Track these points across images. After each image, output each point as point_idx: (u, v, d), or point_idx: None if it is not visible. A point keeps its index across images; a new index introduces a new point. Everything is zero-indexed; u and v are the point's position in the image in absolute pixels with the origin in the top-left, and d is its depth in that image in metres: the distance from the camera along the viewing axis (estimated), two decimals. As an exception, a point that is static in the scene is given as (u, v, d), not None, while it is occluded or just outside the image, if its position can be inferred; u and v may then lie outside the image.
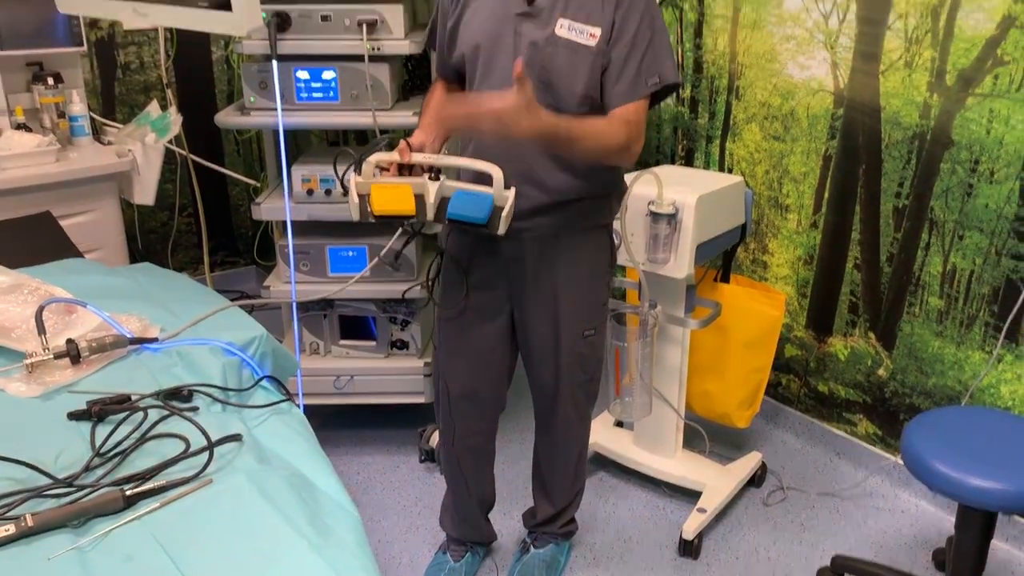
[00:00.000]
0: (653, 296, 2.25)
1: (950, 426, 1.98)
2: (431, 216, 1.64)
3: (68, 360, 1.55)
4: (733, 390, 2.59)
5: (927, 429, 1.97)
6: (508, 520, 2.46)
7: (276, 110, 2.37)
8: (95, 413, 1.40)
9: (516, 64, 1.49)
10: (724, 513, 2.51)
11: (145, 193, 2.87)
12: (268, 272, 2.83)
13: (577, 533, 2.34)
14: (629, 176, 2.03)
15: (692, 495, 2.49)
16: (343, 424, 2.92)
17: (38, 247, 2.22)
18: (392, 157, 1.66)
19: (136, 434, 1.35)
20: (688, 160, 2.99)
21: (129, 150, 2.81)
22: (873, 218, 2.54)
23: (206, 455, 1.29)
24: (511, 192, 1.61)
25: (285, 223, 2.52)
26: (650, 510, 2.55)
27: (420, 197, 1.63)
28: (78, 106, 2.87)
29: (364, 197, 1.64)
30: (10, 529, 1.12)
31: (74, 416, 1.42)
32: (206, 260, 3.62)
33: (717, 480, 2.50)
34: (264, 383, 1.61)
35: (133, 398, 1.45)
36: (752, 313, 2.51)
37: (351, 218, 1.67)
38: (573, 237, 1.87)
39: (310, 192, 2.53)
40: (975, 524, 1.94)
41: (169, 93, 3.49)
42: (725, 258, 2.59)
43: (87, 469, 1.27)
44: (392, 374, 2.72)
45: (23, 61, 2.83)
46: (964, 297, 2.38)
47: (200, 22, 1.97)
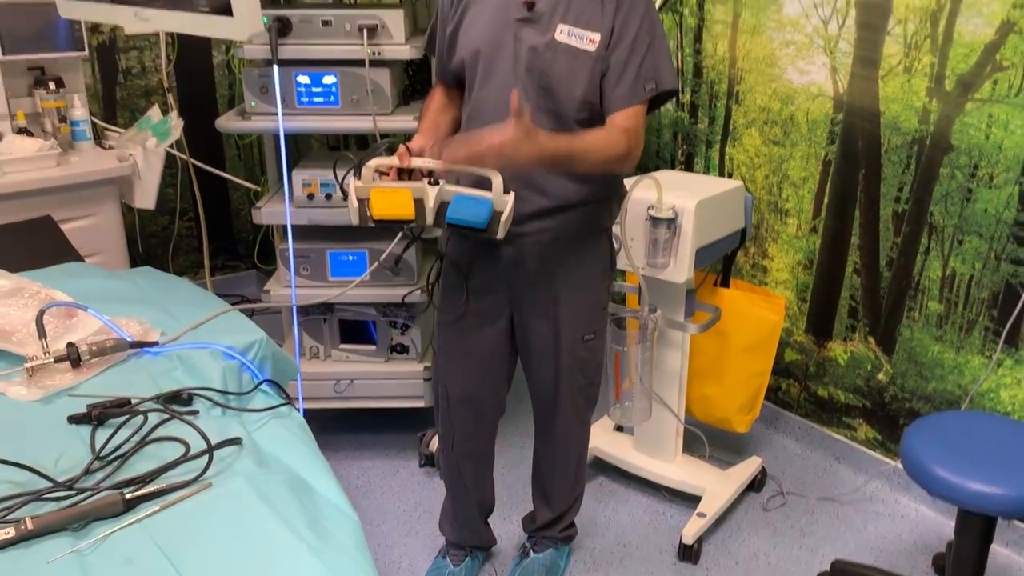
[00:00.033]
0: (653, 300, 2.26)
1: (950, 431, 1.98)
2: (430, 220, 1.65)
3: (68, 364, 1.55)
4: (733, 395, 2.59)
5: (927, 434, 1.97)
6: (508, 525, 2.46)
7: (277, 114, 2.38)
8: (95, 417, 1.40)
9: (512, 97, 1.50)
10: (724, 518, 2.51)
11: (146, 197, 2.88)
12: (269, 276, 2.84)
13: (577, 538, 2.35)
14: (629, 181, 2.03)
15: (692, 500, 2.49)
16: (343, 428, 2.92)
17: (39, 251, 2.23)
18: (392, 161, 1.66)
19: (136, 438, 1.35)
20: (688, 165, 2.99)
21: (130, 154, 2.82)
22: (873, 223, 2.54)
23: (206, 459, 1.29)
24: (510, 197, 1.61)
25: (285, 227, 2.52)
26: (650, 515, 2.55)
27: (419, 201, 1.64)
28: (79, 110, 2.88)
29: (364, 201, 1.64)
30: (10, 532, 1.12)
31: (74, 420, 1.42)
32: (206, 264, 3.62)
33: (717, 485, 2.50)
34: (264, 387, 1.61)
35: (133, 402, 1.45)
36: (752, 318, 2.51)
37: (351, 222, 1.67)
38: (573, 241, 1.88)
39: (311, 196, 2.53)
40: (975, 529, 1.94)
41: (170, 98, 3.50)
42: (725, 263, 2.60)
43: (87, 472, 1.27)
44: (392, 378, 2.72)
45: (25, 66, 2.84)
46: (964, 302, 2.38)
47: (201, 27, 1.97)
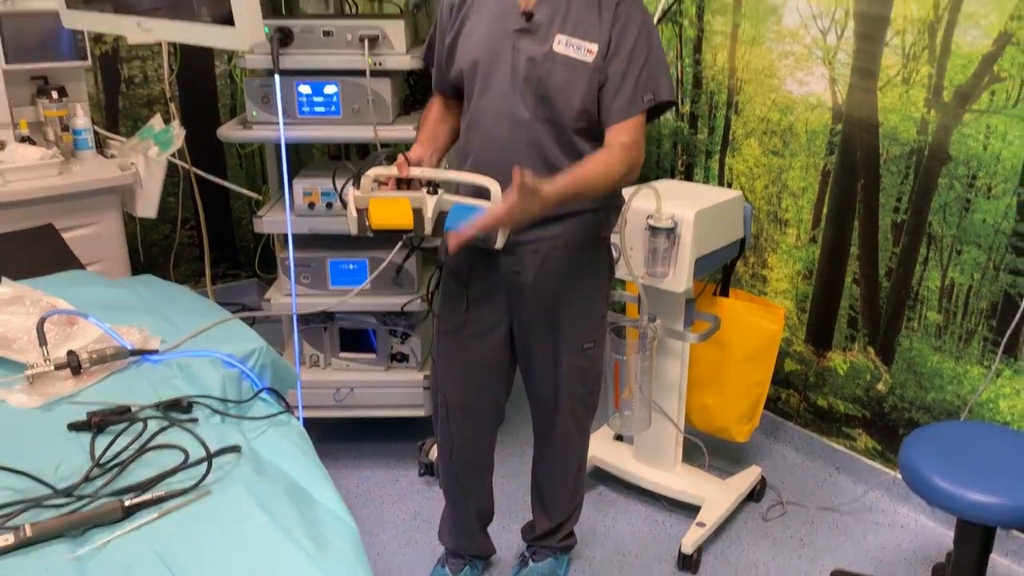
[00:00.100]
0: (652, 310, 2.26)
1: (948, 441, 1.98)
2: (429, 230, 1.66)
3: (69, 371, 1.56)
4: (732, 404, 2.59)
5: (925, 444, 1.97)
6: (507, 534, 2.46)
7: (278, 124, 2.39)
8: (95, 424, 1.41)
9: (514, 173, 1.52)
10: (723, 527, 2.51)
11: (147, 206, 2.89)
12: (270, 285, 2.84)
13: (576, 547, 2.34)
14: (628, 190, 2.04)
15: (691, 509, 2.49)
16: (343, 437, 2.92)
17: (41, 259, 2.24)
18: (390, 171, 1.67)
19: (135, 445, 1.36)
20: (688, 175, 3.00)
21: (132, 163, 2.83)
22: (872, 233, 2.55)
23: (205, 466, 1.29)
24: None
25: (286, 236, 2.53)
26: (649, 524, 2.55)
27: (418, 211, 1.64)
28: (82, 119, 2.89)
29: (362, 211, 1.65)
30: (9, 539, 1.13)
31: (74, 427, 1.42)
32: (207, 273, 3.63)
33: (716, 494, 2.50)
34: (263, 395, 1.62)
35: (133, 409, 1.45)
36: (751, 327, 2.52)
37: (350, 232, 1.68)
38: (571, 251, 1.88)
39: (311, 205, 2.54)
40: (974, 539, 1.93)
41: (172, 107, 3.52)
42: (724, 272, 2.60)
43: (86, 480, 1.28)
44: (392, 387, 2.73)
45: (28, 75, 2.86)
46: (963, 312, 2.38)
47: (203, 37, 1.98)
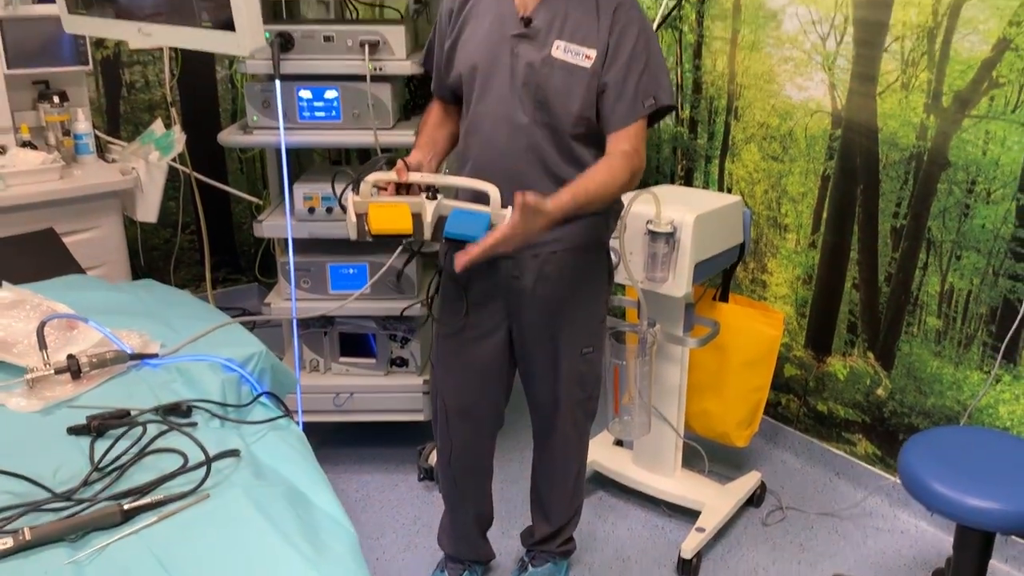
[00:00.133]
0: (652, 315, 2.26)
1: (948, 446, 1.98)
2: (428, 235, 1.66)
3: (69, 375, 1.56)
4: (732, 409, 2.59)
5: (924, 449, 1.96)
6: (507, 539, 2.46)
7: (279, 129, 2.39)
8: (94, 428, 1.41)
9: (516, 195, 1.55)
10: (723, 533, 2.51)
11: (148, 210, 2.90)
12: (270, 289, 2.85)
13: (575, 552, 2.34)
14: (627, 195, 2.04)
15: (691, 514, 2.49)
16: (342, 441, 2.92)
17: (41, 263, 2.24)
18: (390, 176, 1.68)
19: (135, 449, 1.36)
20: (687, 180, 3.01)
21: (133, 168, 2.84)
22: (871, 238, 2.55)
23: (203, 470, 1.29)
24: (508, 211, 1.63)
25: (286, 240, 2.54)
26: (649, 529, 2.55)
27: (417, 216, 1.65)
28: (83, 124, 2.90)
29: (362, 216, 1.65)
30: (8, 543, 1.13)
31: (73, 431, 1.43)
32: (208, 277, 3.64)
33: (716, 499, 2.50)
34: (263, 399, 1.62)
35: (132, 413, 1.46)
36: (751, 332, 2.52)
37: (349, 237, 1.68)
38: (570, 255, 1.89)
39: (311, 210, 2.55)
40: (973, 544, 1.93)
41: (173, 112, 3.52)
42: (724, 277, 2.61)
43: (85, 483, 1.28)
44: (392, 391, 2.73)
45: (29, 80, 2.87)
46: (962, 317, 2.38)
47: (204, 42, 1.99)
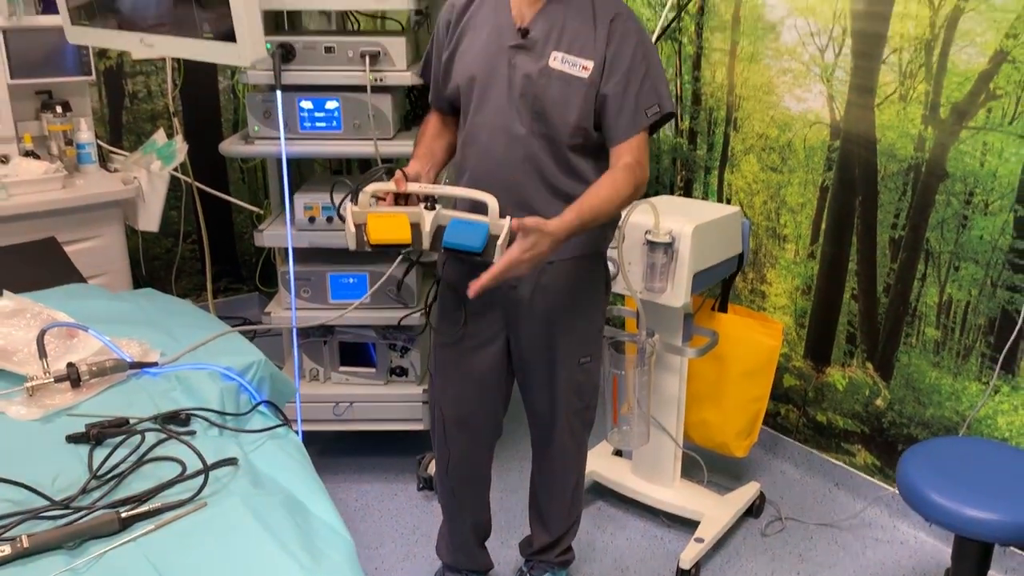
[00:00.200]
0: (651, 325, 2.27)
1: (946, 456, 1.98)
2: (427, 245, 1.67)
3: (68, 383, 1.57)
4: (731, 419, 2.59)
5: (923, 459, 1.97)
6: (506, 549, 2.45)
7: (280, 139, 2.41)
8: (93, 436, 1.42)
9: (512, 222, 1.59)
10: (722, 543, 2.51)
11: (150, 220, 2.91)
12: (271, 299, 2.85)
13: (574, 562, 2.34)
14: (626, 206, 2.05)
15: (690, 525, 2.48)
16: (342, 451, 2.92)
17: (42, 272, 2.25)
18: (388, 187, 1.69)
19: (133, 457, 1.37)
20: (687, 190, 3.02)
21: (135, 177, 2.85)
22: (870, 249, 2.55)
23: (201, 478, 1.30)
24: (506, 221, 1.63)
25: (287, 250, 2.54)
26: (648, 539, 2.55)
27: (416, 226, 1.66)
28: (86, 134, 2.92)
29: (360, 226, 1.66)
30: (6, 550, 1.13)
31: (72, 439, 1.43)
32: (209, 287, 3.65)
33: (715, 510, 2.50)
34: (261, 408, 1.62)
35: (131, 421, 1.46)
36: (750, 342, 2.52)
37: (348, 247, 1.69)
38: (568, 265, 1.89)
39: (312, 219, 2.56)
40: (972, 555, 1.93)
41: (175, 122, 3.54)
42: (723, 287, 2.61)
43: (84, 491, 1.29)
44: (391, 401, 2.73)
45: (33, 89, 2.89)
46: (960, 328, 2.39)
47: (205, 53, 2.00)
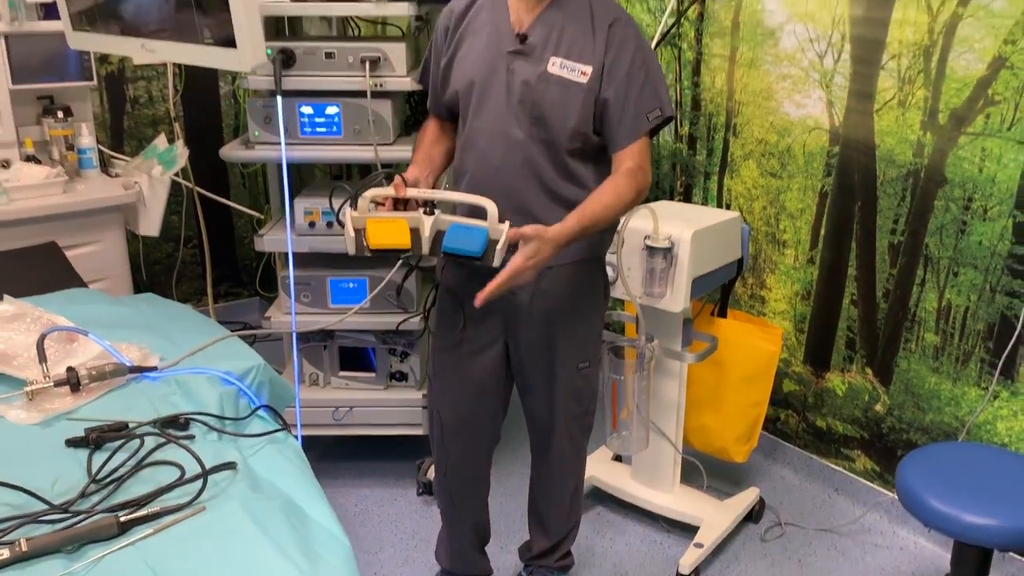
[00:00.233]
0: (650, 330, 2.27)
1: (945, 462, 1.98)
2: (426, 250, 1.67)
3: (68, 388, 1.57)
4: (731, 425, 2.59)
5: (922, 465, 1.97)
6: (505, 554, 2.45)
7: (280, 144, 2.41)
8: (92, 440, 1.42)
9: (511, 232, 1.61)
10: (721, 548, 2.50)
11: (150, 225, 2.91)
12: (271, 303, 2.86)
13: (573, 567, 2.34)
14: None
15: (689, 530, 2.48)
16: (342, 456, 2.93)
17: (43, 277, 2.26)
18: (387, 192, 1.69)
19: (132, 461, 1.37)
20: (686, 196, 3.02)
21: (136, 182, 2.85)
22: (869, 254, 2.56)
23: (200, 482, 1.30)
24: (505, 225, 1.64)
25: (287, 255, 2.55)
26: (647, 544, 2.54)
27: (415, 231, 1.66)
28: (87, 139, 2.92)
29: (360, 231, 1.67)
30: (5, 554, 1.14)
31: (72, 443, 1.44)
32: (209, 291, 3.65)
33: (714, 515, 2.50)
34: (261, 412, 1.63)
35: (130, 426, 1.47)
36: (749, 348, 2.52)
37: (347, 252, 1.70)
38: (567, 270, 1.89)
39: (312, 224, 2.56)
40: (971, 561, 1.93)
41: (176, 127, 3.55)
42: (722, 293, 2.61)
43: (83, 495, 1.29)
44: (391, 406, 2.73)
45: (34, 95, 2.89)
46: (960, 333, 2.39)
47: (206, 59, 2.01)
